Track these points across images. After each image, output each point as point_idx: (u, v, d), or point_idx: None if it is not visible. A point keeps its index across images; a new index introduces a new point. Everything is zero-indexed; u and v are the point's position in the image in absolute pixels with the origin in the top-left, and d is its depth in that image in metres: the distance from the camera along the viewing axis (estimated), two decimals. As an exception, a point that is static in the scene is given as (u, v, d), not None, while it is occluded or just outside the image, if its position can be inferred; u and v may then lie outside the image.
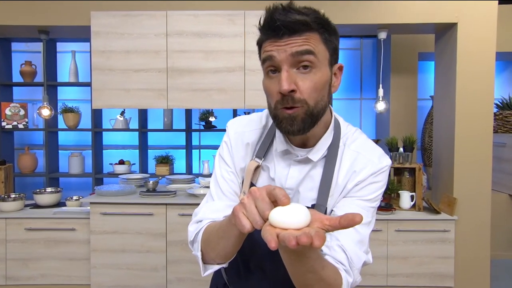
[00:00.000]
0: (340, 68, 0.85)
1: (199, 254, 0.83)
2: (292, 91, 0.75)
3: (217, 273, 1.11)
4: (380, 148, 0.92)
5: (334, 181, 0.87)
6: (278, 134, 0.90)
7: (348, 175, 0.87)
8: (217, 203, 0.92)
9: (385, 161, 0.88)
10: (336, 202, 0.88)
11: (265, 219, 0.58)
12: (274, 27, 0.74)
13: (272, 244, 0.51)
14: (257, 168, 0.91)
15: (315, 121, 0.80)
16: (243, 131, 0.95)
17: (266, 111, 0.98)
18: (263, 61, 0.79)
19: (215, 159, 0.99)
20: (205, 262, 0.83)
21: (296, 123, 0.78)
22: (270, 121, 0.95)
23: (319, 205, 0.86)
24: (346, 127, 0.93)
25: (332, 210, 0.88)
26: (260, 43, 0.81)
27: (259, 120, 0.96)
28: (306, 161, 0.88)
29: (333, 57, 0.82)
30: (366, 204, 0.86)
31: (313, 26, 0.75)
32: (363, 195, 0.86)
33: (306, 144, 0.87)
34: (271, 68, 0.78)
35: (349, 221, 0.52)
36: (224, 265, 0.83)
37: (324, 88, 0.79)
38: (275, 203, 0.60)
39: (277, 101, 0.78)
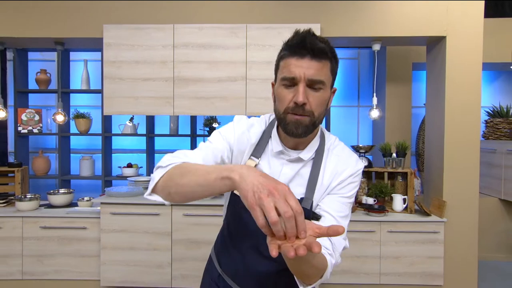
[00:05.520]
0: (334, 91, 1.05)
1: (157, 178, 0.89)
2: (304, 103, 0.94)
3: (210, 264, 1.24)
4: (355, 154, 1.12)
5: (320, 180, 1.05)
6: (274, 136, 1.08)
7: (332, 175, 1.06)
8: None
9: (360, 165, 1.09)
10: (321, 197, 1.05)
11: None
12: (303, 49, 0.92)
13: (273, 253, 0.63)
14: (255, 166, 1.07)
15: (314, 128, 1.01)
16: (249, 131, 1.11)
17: (262, 118, 1.16)
18: (285, 78, 0.95)
19: (211, 134, 1.11)
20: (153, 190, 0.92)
21: (301, 128, 0.97)
22: (266, 126, 1.13)
23: (307, 199, 1.04)
24: (329, 135, 1.13)
25: (317, 204, 1.05)
26: (283, 58, 0.97)
27: (259, 125, 1.13)
28: (297, 160, 1.06)
29: (333, 82, 1.02)
30: (345, 200, 1.05)
31: (328, 55, 0.95)
32: (343, 192, 1.05)
33: (298, 147, 1.07)
34: (288, 83, 0.96)
35: (334, 231, 0.69)
36: (166, 203, 0.90)
37: (325, 104, 1.00)
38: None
39: (288, 107, 0.97)
